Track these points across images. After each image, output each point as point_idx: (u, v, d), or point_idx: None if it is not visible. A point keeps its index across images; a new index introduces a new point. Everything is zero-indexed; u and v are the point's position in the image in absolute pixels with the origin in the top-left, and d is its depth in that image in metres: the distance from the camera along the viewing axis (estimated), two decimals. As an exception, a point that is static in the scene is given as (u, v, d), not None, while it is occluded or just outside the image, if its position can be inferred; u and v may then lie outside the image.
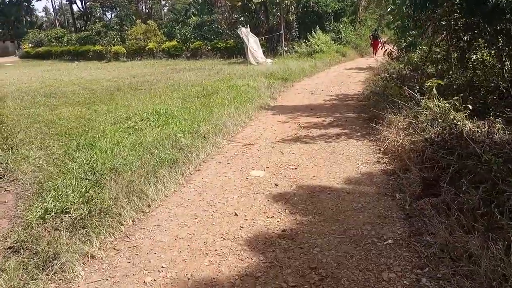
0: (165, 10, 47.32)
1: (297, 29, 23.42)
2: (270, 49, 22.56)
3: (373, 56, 20.76)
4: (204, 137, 6.18)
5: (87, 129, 7.01)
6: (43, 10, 67.73)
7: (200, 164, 5.11)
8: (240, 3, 23.55)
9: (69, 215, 3.81)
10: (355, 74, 14.94)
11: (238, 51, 23.50)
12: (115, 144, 5.89)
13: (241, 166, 4.99)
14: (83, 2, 50.91)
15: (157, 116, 7.87)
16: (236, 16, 25.55)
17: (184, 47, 27.04)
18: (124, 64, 25.33)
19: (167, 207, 3.98)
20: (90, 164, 5.03)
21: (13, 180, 5.01)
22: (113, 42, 29.75)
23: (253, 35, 20.27)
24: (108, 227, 3.53)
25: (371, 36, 22.46)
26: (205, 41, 26.81)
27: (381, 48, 11.27)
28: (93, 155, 5.42)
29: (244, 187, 4.35)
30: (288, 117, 7.77)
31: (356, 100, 9.63)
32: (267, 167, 4.88)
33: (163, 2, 45.13)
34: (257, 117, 7.94)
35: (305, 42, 21.58)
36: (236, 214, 3.69)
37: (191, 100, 9.74)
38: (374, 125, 6.07)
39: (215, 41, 26.31)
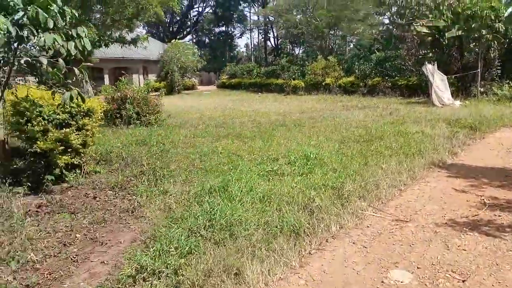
0: (351, 46, 47.27)
1: (499, 67, 19.50)
2: (461, 90, 19.36)
3: None
4: (346, 199, 5.00)
5: (231, 167, 6.73)
6: (244, 46, 77.21)
7: (327, 240, 3.97)
8: (430, 38, 21.22)
9: (161, 281, 3.28)
10: None
11: (421, 90, 21.08)
12: (247, 192, 5.31)
13: (381, 256, 3.61)
14: (276, 40, 55.86)
15: (305, 160, 7.06)
16: (423, 51, 23.15)
17: (361, 83, 25.98)
18: (300, 97, 25.87)
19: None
20: (209, 215, 4.53)
21: (141, 217, 4.92)
22: (293, 76, 31.00)
23: (441, 73, 17.71)
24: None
25: None
26: (385, 78, 25.17)
27: None
28: (220, 202, 4.94)
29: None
30: (468, 184, 5.81)
31: None
32: (418, 267, 3.37)
33: (348, 38, 45.21)
34: (424, 177, 6.24)
35: (508, 83, 17.69)
36: None
37: (349, 145, 8.62)
38: None
39: (396, 77, 24.37)
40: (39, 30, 4.41)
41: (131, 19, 16.11)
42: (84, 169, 6.11)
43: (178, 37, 71.36)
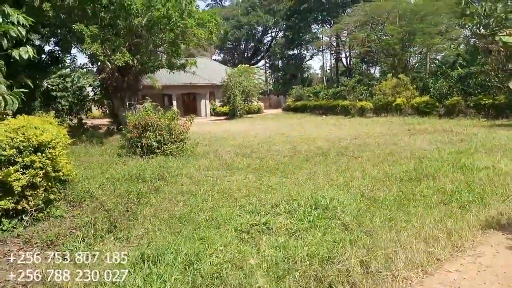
0: (431, 64, 43.17)
1: None
2: None
3: None
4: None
5: (208, 217, 5.24)
6: (319, 68, 75.27)
7: None
8: (521, 48, 17.80)
9: None
10: None
11: (510, 110, 17.61)
12: (183, 266, 3.79)
13: None
14: (348, 60, 53.42)
15: (310, 209, 5.33)
16: (514, 65, 19.60)
17: (437, 103, 22.84)
18: (365, 120, 23.50)
19: None
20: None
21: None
22: (360, 97, 28.64)
23: (534, 89, 14.45)
24: None
25: None
26: (467, 97, 21.82)
27: None
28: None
29: None
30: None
31: None
32: None
33: (428, 55, 41.14)
34: (477, 245, 4.13)
35: None
36: None
37: (387, 185, 6.63)
38: None
39: (479, 96, 20.92)
40: None
41: (174, 44, 15.68)
42: (32, 215, 5.11)
43: (252, 62, 72.60)
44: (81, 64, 19.42)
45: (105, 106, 21.28)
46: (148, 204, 5.95)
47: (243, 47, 71.33)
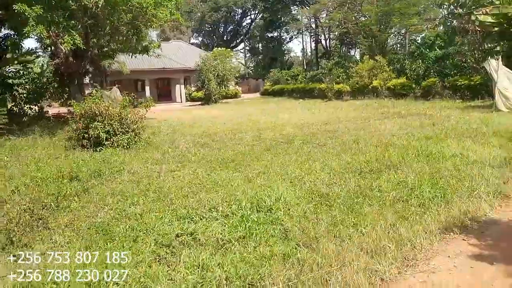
0: (410, 45, 42.60)
1: None
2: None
3: None
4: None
5: (133, 229, 4.46)
6: (301, 51, 73.78)
7: None
8: (497, 28, 17.25)
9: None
10: None
11: (486, 91, 17.17)
12: None
13: None
14: (327, 42, 52.50)
15: (250, 212, 4.62)
16: (490, 45, 19.15)
17: (413, 85, 22.34)
18: (342, 103, 22.85)
19: None
20: None
21: None
22: (337, 79, 27.95)
23: (510, 70, 13.97)
24: None
25: None
26: (444, 78, 21.37)
27: None
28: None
29: None
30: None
31: None
32: None
33: (411, 36, 40.37)
34: (432, 257, 3.48)
35: None
36: None
37: (346, 178, 5.97)
38: None
39: (455, 77, 20.49)
40: None
41: (134, 25, 14.57)
42: None
43: (232, 45, 71.00)
44: (29, 48, 17.97)
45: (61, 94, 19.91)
46: (68, 209, 5.13)
47: (222, 30, 69.59)
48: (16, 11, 10.90)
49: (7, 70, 19.25)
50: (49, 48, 15.59)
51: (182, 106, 31.20)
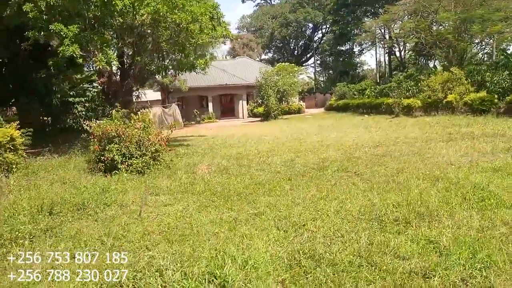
0: (495, 55, 38.01)
1: None
2: None
3: None
4: None
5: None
6: (376, 64, 69.93)
7: None
8: None
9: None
10: None
11: None
12: None
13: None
14: (401, 53, 49.02)
15: (196, 284, 3.44)
16: None
17: (496, 100, 19.23)
18: (410, 120, 20.41)
19: None
20: None
21: None
22: (407, 94, 25.36)
23: None
24: None
25: None
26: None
27: None
28: None
29: None
30: None
31: None
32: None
33: (500, 45, 35.67)
34: None
35: None
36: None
37: (358, 230, 4.52)
38: None
39: (550, 90, 17.19)
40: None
41: (177, 43, 14.26)
42: None
43: (302, 60, 70.19)
44: (89, 68, 18.71)
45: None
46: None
47: (292, 45, 69.10)
48: (52, 31, 11.01)
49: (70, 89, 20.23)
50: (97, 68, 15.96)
51: (242, 123, 30.77)
